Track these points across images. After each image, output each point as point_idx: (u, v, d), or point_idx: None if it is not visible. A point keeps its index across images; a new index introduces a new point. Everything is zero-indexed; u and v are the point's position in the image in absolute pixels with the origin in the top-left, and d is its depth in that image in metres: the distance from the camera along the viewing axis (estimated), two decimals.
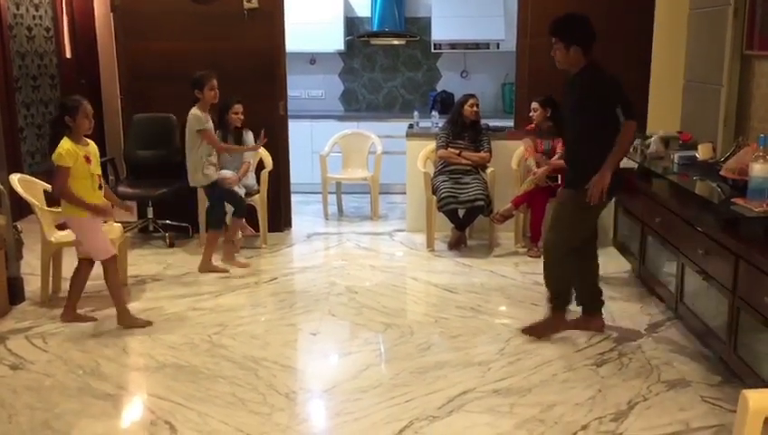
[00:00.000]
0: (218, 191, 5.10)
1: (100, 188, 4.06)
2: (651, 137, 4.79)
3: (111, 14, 6.15)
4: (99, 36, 7.61)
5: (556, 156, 5.34)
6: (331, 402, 3.29)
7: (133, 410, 3.29)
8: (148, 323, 4.10)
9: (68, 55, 7.31)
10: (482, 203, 5.29)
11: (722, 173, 3.75)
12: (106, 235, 4.15)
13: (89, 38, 7.58)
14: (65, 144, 3.86)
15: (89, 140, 4.05)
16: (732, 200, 3.37)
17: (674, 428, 3.01)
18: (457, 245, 5.60)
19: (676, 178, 4.18)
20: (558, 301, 3.91)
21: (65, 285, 4.68)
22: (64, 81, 7.26)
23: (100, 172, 4.05)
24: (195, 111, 4.86)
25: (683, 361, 3.64)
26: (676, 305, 3.90)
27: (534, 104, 5.48)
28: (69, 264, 4.89)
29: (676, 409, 3.16)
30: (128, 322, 4.08)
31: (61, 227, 4.75)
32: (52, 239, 4.45)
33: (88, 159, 3.94)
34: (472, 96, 5.65)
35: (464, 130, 5.55)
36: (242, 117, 5.47)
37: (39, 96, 6.92)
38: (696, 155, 4.43)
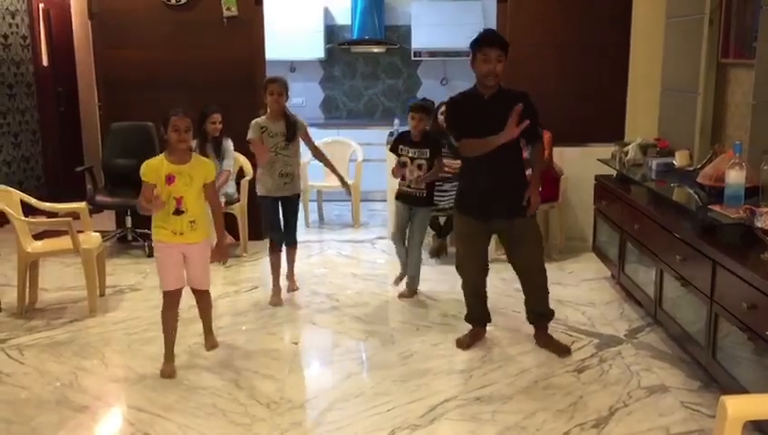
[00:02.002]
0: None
1: (180, 212, 3.53)
2: (629, 144, 4.84)
3: (89, 21, 6.11)
4: (76, 44, 7.55)
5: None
6: (312, 412, 3.27)
7: (112, 422, 3.25)
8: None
9: (45, 63, 7.23)
10: None
11: (699, 180, 3.79)
12: (173, 268, 3.61)
13: (66, 46, 7.50)
14: (153, 159, 3.55)
15: (199, 159, 3.64)
16: (709, 207, 3.41)
17: (654, 433, 3.03)
18: (438, 252, 5.61)
19: (654, 185, 4.23)
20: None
21: (42, 296, 4.64)
22: (41, 89, 7.19)
23: (184, 195, 3.52)
24: (256, 119, 4.56)
25: (662, 366, 3.66)
26: (655, 311, 3.93)
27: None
28: (46, 274, 4.84)
29: (656, 414, 3.18)
30: (170, 373, 3.62)
31: (37, 237, 4.70)
32: (29, 249, 4.38)
33: (170, 179, 3.48)
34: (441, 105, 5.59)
35: (442, 137, 5.54)
36: (219, 126, 5.44)
37: (15, 104, 6.84)
38: (674, 162, 4.49)
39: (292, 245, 4.80)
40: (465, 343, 3.92)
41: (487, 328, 4.08)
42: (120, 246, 5.93)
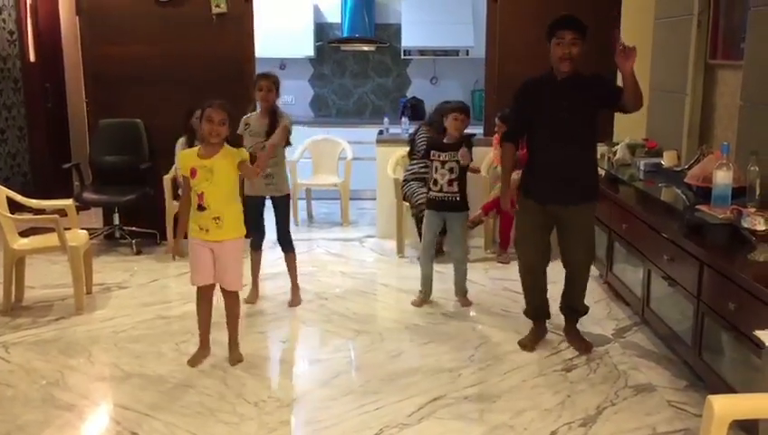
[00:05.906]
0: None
1: (203, 209, 3.45)
2: (618, 144, 4.86)
3: (77, 17, 6.06)
4: (64, 40, 7.48)
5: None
6: (300, 411, 3.26)
7: (98, 421, 3.23)
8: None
9: (32, 59, 7.16)
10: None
11: (686, 180, 3.81)
12: (201, 265, 3.55)
13: (54, 41, 7.44)
14: (189, 149, 3.56)
15: (227, 151, 3.46)
16: (696, 207, 3.43)
17: (641, 432, 3.04)
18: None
19: (642, 185, 4.25)
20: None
21: (28, 294, 4.60)
22: (28, 85, 7.12)
23: (205, 190, 3.43)
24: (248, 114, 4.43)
25: (649, 365, 3.68)
26: (642, 311, 3.95)
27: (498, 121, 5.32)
28: (32, 272, 4.80)
29: (642, 413, 3.19)
30: (193, 360, 3.69)
31: (24, 234, 4.66)
32: (15, 247, 4.35)
33: (193, 173, 3.43)
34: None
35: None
36: None
37: (2, 100, 6.77)
38: (662, 162, 4.51)
39: (288, 250, 4.58)
40: (528, 345, 3.84)
41: (478, 327, 4.09)
42: (108, 243, 5.89)
